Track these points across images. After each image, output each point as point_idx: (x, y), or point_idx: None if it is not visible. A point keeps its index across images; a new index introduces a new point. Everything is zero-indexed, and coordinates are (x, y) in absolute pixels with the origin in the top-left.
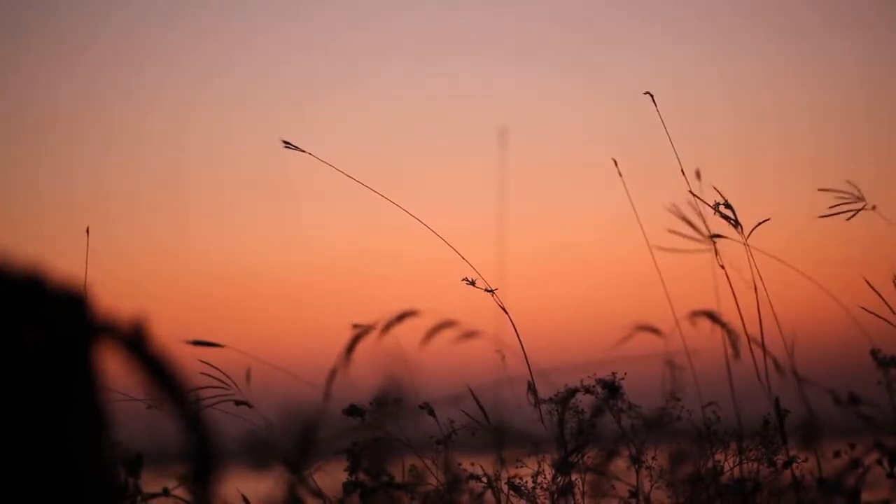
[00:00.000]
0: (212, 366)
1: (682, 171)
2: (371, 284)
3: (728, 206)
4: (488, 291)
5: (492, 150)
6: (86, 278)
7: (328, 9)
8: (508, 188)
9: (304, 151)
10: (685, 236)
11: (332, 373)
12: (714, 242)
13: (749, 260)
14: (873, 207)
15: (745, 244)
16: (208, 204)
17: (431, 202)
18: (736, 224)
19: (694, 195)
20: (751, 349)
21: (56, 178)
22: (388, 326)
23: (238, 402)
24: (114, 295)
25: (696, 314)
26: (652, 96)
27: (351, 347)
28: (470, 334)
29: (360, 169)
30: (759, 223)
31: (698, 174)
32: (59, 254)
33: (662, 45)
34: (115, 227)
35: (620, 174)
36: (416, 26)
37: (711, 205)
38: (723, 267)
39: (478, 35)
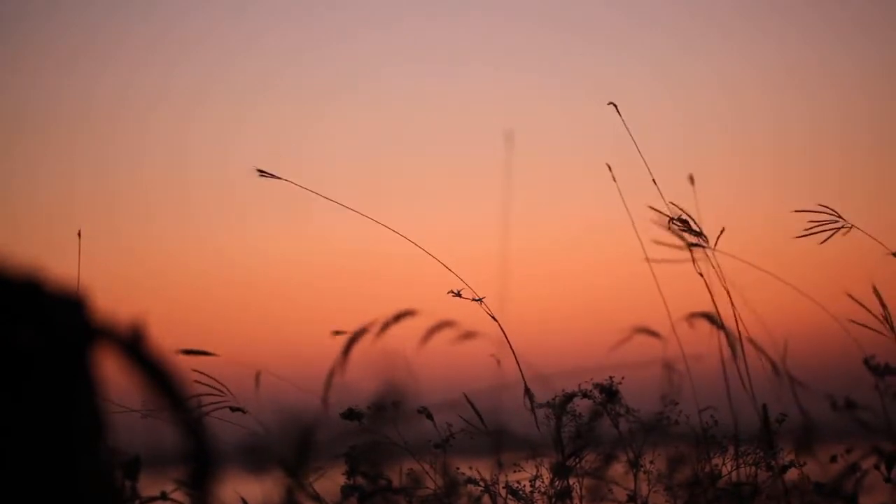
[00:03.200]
0: (205, 374)
1: (654, 180)
2: (368, 288)
3: (683, 220)
4: (476, 301)
5: (492, 155)
6: (78, 281)
7: (332, 12)
8: (512, 191)
9: (279, 178)
10: (671, 245)
11: (330, 376)
12: (692, 251)
13: (716, 268)
14: (850, 227)
15: (714, 251)
16: (204, 207)
17: (434, 206)
18: (699, 234)
19: (676, 206)
20: (743, 352)
21: (51, 180)
22: (386, 326)
23: (233, 409)
24: (109, 298)
25: (693, 316)
26: (616, 107)
27: (348, 349)
28: (469, 335)
29: (362, 172)
30: (720, 233)
31: (692, 179)
32: (54, 257)
33: (660, 50)
34: (111, 229)
35: (615, 179)
36: (417, 31)
37: (690, 214)
38: (701, 275)
39: (478, 41)
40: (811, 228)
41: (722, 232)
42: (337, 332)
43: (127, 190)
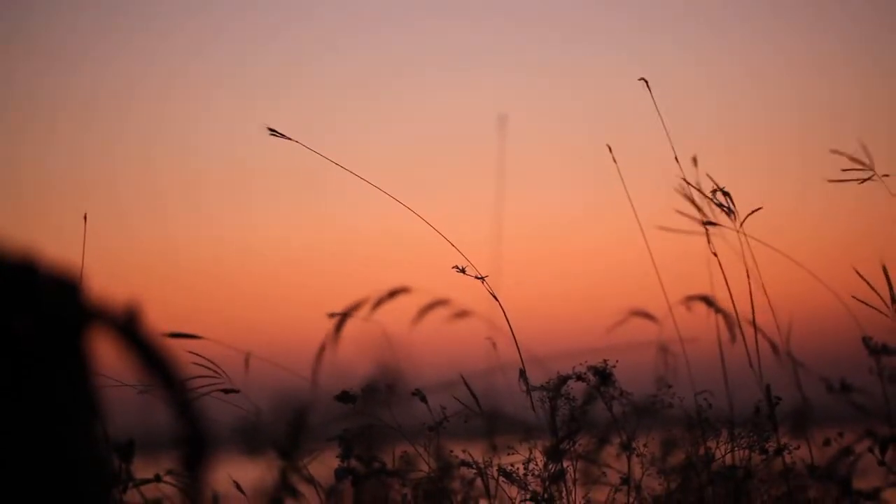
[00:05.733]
0: (199, 355)
1: (676, 157)
2: (364, 269)
3: (725, 193)
4: (478, 279)
5: (490, 139)
6: (83, 265)
7: (332, 13)
8: (506, 174)
9: (289, 139)
10: (686, 215)
11: (321, 352)
12: (707, 230)
13: (742, 247)
14: (885, 176)
15: (740, 231)
16: (203, 191)
17: (431, 189)
18: (730, 212)
19: (688, 183)
20: (743, 335)
21: (59, 164)
22: (379, 303)
23: (227, 391)
24: (113, 280)
25: (690, 299)
26: (647, 82)
27: (339, 326)
28: (463, 313)
29: (362, 155)
30: (753, 211)
31: (695, 161)
32: (57, 240)
33: (650, 35)
34: (113, 214)
35: (615, 160)
36: (417, 27)
37: (708, 192)
38: (715, 254)
39: (473, 35)
40: (848, 170)
41: (754, 211)
42: (333, 315)
43: (134, 175)
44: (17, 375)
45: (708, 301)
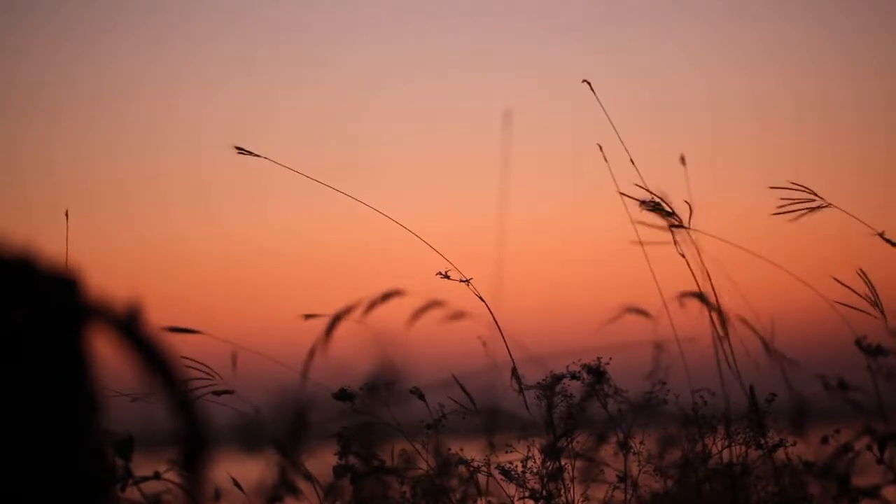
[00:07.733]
0: (192, 360)
1: (632, 160)
2: (359, 269)
3: (654, 203)
4: (463, 282)
5: (484, 137)
6: (66, 262)
7: (333, 12)
8: (508, 170)
9: (258, 156)
10: (652, 226)
11: (311, 353)
12: (672, 232)
13: (696, 248)
14: (827, 205)
15: (689, 230)
16: (204, 188)
17: (433, 186)
18: (672, 215)
19: (646, 189)
20: (727, 332)
21: (37, 160)
22: (372, 306)
23: (219, 392)
24: (112, 278)
25: (684, 295)
26: (590, 84)
27: (331, 328)
28: (458, 315)
29: (365, 153)
30: (690, 214)
31: (683, 160)
32: (57, 236)
33: (641, 37)
34: (96, 210)
35: (606, 159)
36: (417, 30)
37: (642, 202)
38: (683, 255)
39: (472, 36)
40: (784, 206)
41: (692, 212)
42: (308, 316)
43: (112, 172)
44: (14, 372)
45: (701, 298)
